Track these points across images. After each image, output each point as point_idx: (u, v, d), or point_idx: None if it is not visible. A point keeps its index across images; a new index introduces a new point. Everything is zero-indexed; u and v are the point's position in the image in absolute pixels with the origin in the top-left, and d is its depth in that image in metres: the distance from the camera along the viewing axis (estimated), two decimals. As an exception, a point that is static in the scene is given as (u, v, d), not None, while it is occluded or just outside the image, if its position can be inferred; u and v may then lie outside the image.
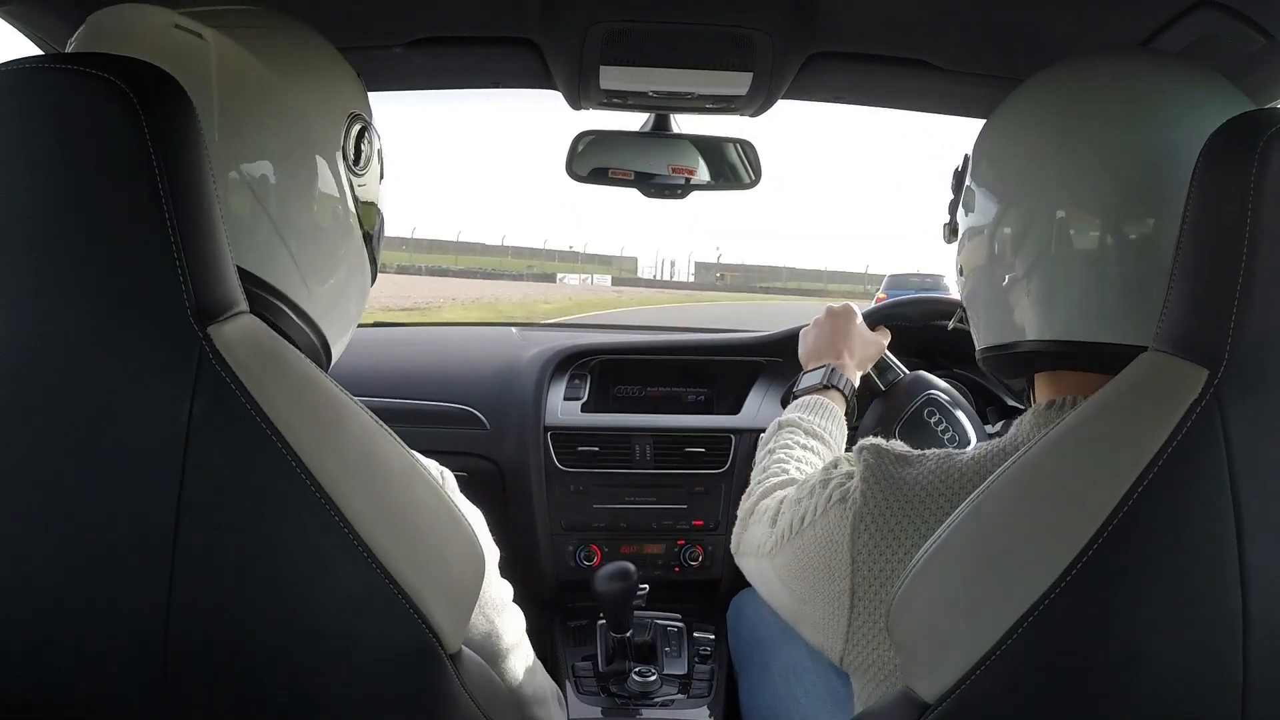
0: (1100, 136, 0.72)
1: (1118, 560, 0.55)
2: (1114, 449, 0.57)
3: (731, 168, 1.58)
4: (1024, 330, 0.76)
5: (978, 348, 0.85)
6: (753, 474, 1.07)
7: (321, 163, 0.76)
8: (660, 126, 1.49)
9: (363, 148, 0.79)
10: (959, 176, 0.86)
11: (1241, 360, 0.55)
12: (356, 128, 0.79)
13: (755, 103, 1.36)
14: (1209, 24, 0.97)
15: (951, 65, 1.23)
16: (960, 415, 1.35)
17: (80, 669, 0.58)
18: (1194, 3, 0.96)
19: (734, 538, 1.01)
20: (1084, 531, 0.55)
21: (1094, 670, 0.56)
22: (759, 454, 1.10)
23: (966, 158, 0.85)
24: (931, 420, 1.34)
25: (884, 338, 1.36)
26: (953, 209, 0.88)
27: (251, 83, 0.72)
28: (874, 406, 1.40)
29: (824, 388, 1.19)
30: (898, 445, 0.79)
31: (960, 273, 0.85)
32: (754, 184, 1.59)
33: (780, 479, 1.01)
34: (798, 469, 1.03)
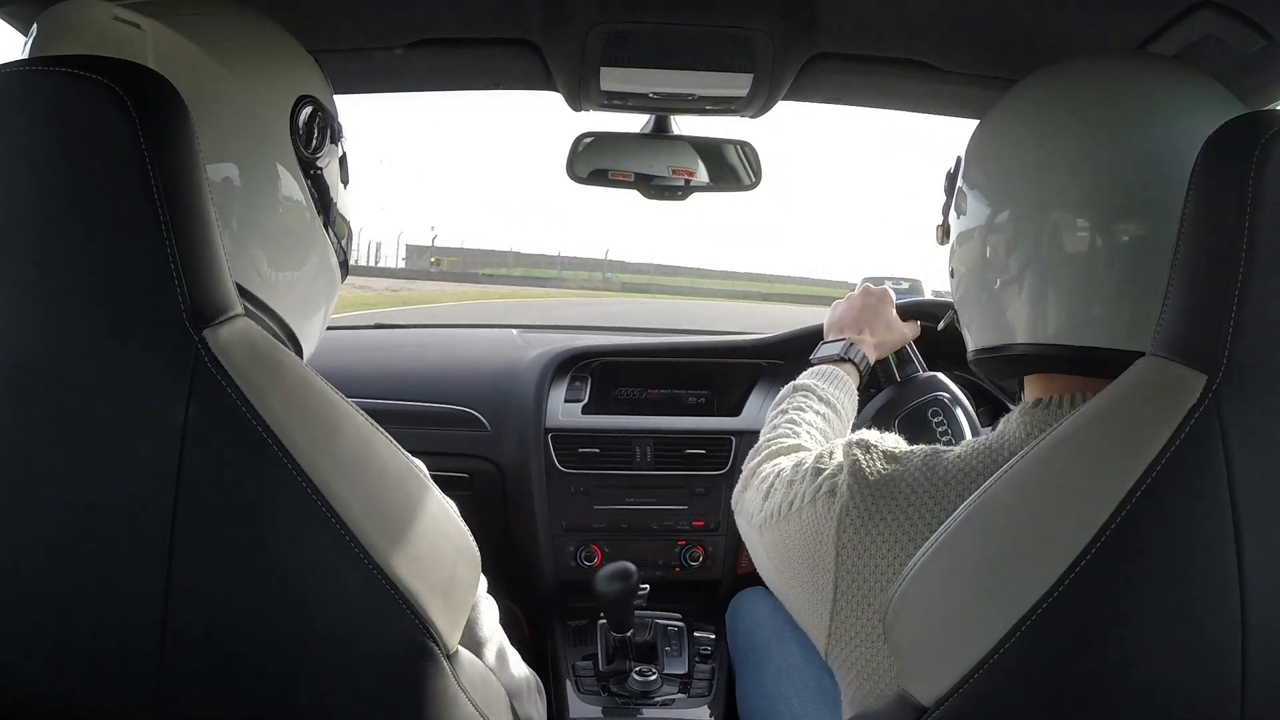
0: (1089, 139, 0.72)
1: (1116, 565, 0.55)
2: (1113, 454, 0.57)
3: (731, 169, 1.58)
4: (1015, 333, 0.77)
5: (969, 349, 0.85)
6: (762, 431, 1.07)
7: (271, 150, 0.75)
8: (660, 128, 1.49)
9: (315, 131, 0.78)
10: (951, 178, 0.86)
11: (1240, 365, 0.54)
12: (307, 109, 0.77)
13: (755, 104, 1.36)
14: (1209, 25, 0.97)
15: (952, 66, 1.24)
16: (961, 418, 1.35)
17: (76, 672, 0.58)
18: (1194, 4, 0.96)
19: (735, 494, 1.02)
20: (1083, 536, 0.55)
21: (1092, 674, 0.56)
22: (770, 413, 1.11)
23: (959, 159, 0.85)
24: (934, 420, 1.34)
25: (912, 331, 1.36)
26: (945, 210, 0.88)
27: (191, 69, 0.71)
28: (883, 394, 1.41)
29: (840, 359, 1.20)
30: (888, 441, 0.80)
31: (952, 275, 0.85)
32: (754, 185, 1.59)
33: (789, 441, 1.01)
34: (808, 434, 1.04)
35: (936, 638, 0.62)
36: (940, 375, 1.40)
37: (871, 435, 0.81)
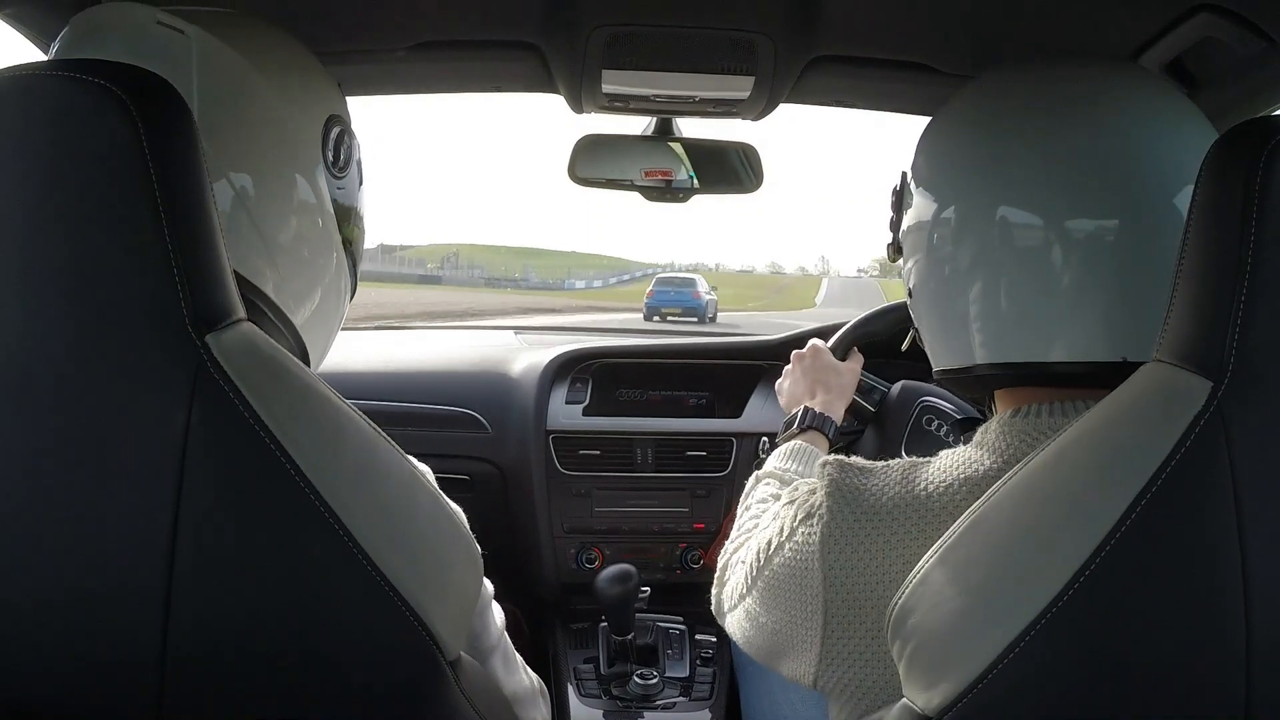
0: (1046, 138, 0.71)
1: (1121, 573, 0.55)
2: (1118, 461, 0.57)
3: (732, 171, 1.58)
4: (975, 353, 0.76)
5: (934, 368, 0.84)
6: (731, 530, 1.04)
7: (302, 165, 0.76)
8: (663, 130, 1.49)
9: (342, 151, 0.79)
10: (898, 194, 0.85)
11: (1245, 372, 0.54)
12: (336, 130, 0.78)
13: (757, 107, 1.36)
14: (1209, 27, 0.97)
15: (953, 69, 1.24)
16: (951, 409, 1.34)
17: (77, 680, 0.58)
18: (1194, 6, 0.96)
19: (713, 598, 0.97)
20: (1087, 544, 0.55)
21: (1097, 682, 0.56)
22: (739, 508, 1.08)
23: (904, 174, 0.84)
24: (931, 427, 1.33)
25: (856, 362, 1.34)
26: (895, 227, 0.86)
27: (233, 79, 0.71)
28: (871, 430, 1.39)
29: (802, 431, 1.18)
30: (859, 459, 0.78)
31: (910, 295, 0.83)
32: (755, 188, 1.59)
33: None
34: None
35: (939, 647, 0.61)
36: (908, 382, 1.38)
37: (841, 456, 0.79)
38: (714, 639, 1.65)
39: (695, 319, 19.64)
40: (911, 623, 0.64)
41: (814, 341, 1.33)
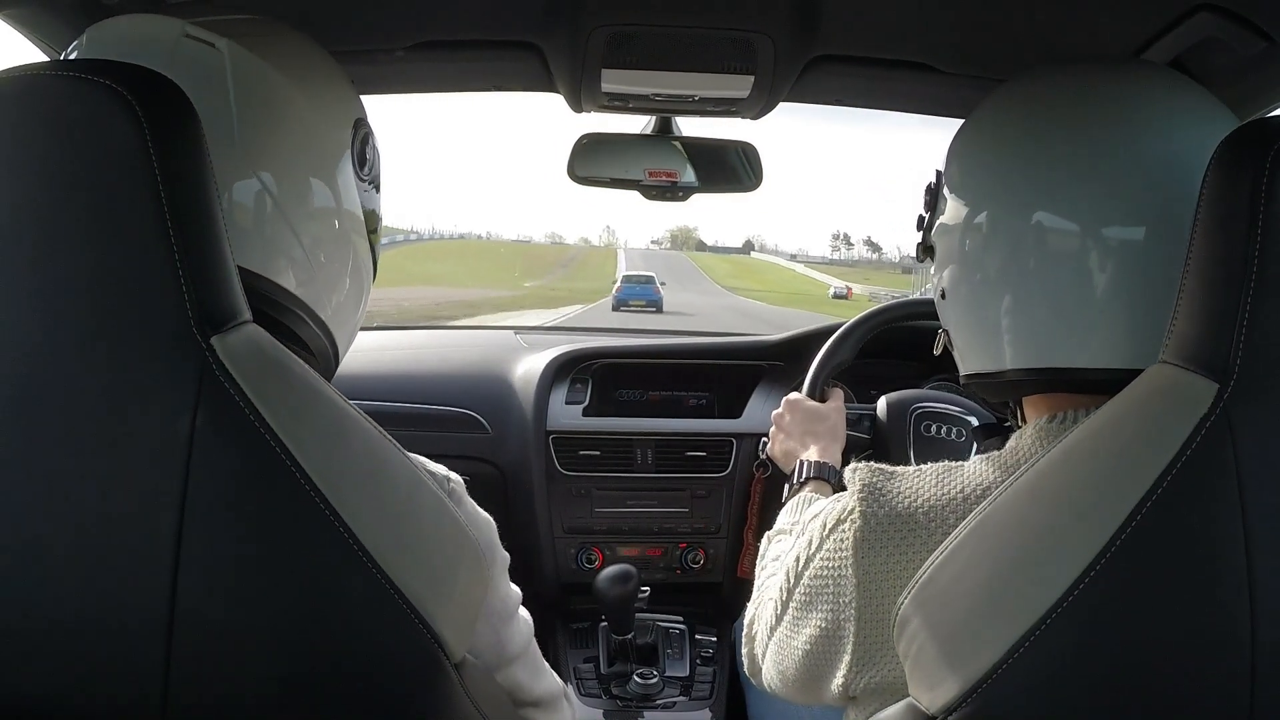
0: (1083, 142, 0.71)
1: (1127, 574, 0.55)
2: (1124, 463, 0.57)
3: (732, 170, 1.58)
4: (1006, 358, 0.75)
5: (962, 373, 0.83)
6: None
7: (335, 170, 0.77)
8: (663, 129, 1.49)
9: (367, 154, 0.81)
10: (933, 192, 0.83)
11: (1251, 374, 0.54)
12: (362, 134, 0.80)
13: (756, 106, 1.36)
14: (1209, 27, 0.97)
15: (953, 68, 1.24)
16: (955, 411, 1.34)
17: (81, 682, 0.58)
18: (1194, 6, 0.96)
19: (746, 660, 0.94)
20: (1094, 545, 0.55)
21: (1102, 682, 0.56)
22: (755, 568, 1.06)
23: (938, 174, 0.83)
24: (931, 432, 1.32)
25: (838, 399, 1.33)
26: (927, 227, 0.85)
27: (268, 91, 0.72)
28: (875, 456, 1.38)
29: (802, 485, 1.16)
30: (887, 465, 0.77)
31: (943, 296, 0.82)
32: (755, 186, 1.59)
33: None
34: None
35: (944, 647, 0.61)
36: (886, 399, 1.37)
37: (870, 462, 0.78)
38: (714, 639, 1.65)
39: (655, 309, 26.05)
40: (917, 622, 0.63)
41: (788, 397, 1.33)
